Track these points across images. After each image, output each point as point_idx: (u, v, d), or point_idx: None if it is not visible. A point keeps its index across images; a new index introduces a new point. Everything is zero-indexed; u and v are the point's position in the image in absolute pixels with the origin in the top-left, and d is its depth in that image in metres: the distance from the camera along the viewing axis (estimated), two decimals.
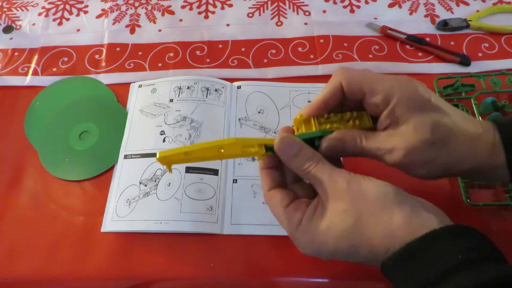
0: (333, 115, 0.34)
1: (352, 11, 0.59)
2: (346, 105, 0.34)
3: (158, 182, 0.44)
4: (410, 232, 0.26)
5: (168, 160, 0.32)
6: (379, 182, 0.29)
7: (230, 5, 0.61)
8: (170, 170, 0.32)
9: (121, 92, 0.53)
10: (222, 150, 0.31)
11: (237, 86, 0.51)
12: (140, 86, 0.53)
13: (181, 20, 0.60)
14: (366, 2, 0.60)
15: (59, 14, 0.62)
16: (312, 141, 0.32)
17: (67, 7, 0.63)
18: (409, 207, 0.28)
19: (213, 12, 0.60)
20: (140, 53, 0.57)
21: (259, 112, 0.49)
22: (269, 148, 0.32)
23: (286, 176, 0.34)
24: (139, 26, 0.60)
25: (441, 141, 0.30)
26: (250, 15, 0.60)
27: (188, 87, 0.50)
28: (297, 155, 0.31)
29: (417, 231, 0.26)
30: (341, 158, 0.36)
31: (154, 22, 0.60)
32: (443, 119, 0.30)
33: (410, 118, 0.30)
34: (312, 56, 0.54)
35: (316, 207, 0.31)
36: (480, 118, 0.46)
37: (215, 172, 0.45)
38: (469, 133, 0.30)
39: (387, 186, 0.29)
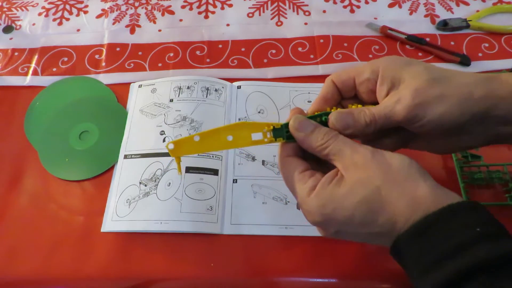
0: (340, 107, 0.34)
1: (352, 11, 0.59)
2: (344, 105, 0.35)
3: (158, 182, 0.44)
4: (435, 203, 0.26)
5: (178, 149, 0.32)
6: (402, 155, 0.29)
7: (230, 5, 0.61)
8: (179, 170, 0.33)
9: (121, 92, 0.53)
10: (232, 137, 0.32)
11: (237, 86, 0.51)
12: (140, 86, 0.53)
13: (181, 20, 0.60)
14: (366, 2, 0.60)
15: (59, 14, 0.62)
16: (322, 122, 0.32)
17: (67, 7, 0.63)
18: (433, 180, 0.28)
19: (213, 12, 0.60)
20: (140, 53, 0.57)
21: (259, 112, 0.49)
22: (278, 131, 0.32)
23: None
24: (139, 26, 0.60)
25: (441, 77, 0.30)
26: (250, 15, 0.60)
27: (188, 87, 0.50)
28: (314, 131, 0.31)
29: (441, 203, 0.26)
30: None
31: (154, 22, 0.60)
32: (433, 65, 0.32)
33: (403, 73, 0.31)
34: (312, 56, 0.54)
35: (332, 177, 0.30)
36: None
37: (215, 172, 0.45)
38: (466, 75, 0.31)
39: (411, 159, 0.29)
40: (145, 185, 0.44)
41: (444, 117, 0.30)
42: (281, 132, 0.32)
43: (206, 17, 0.60)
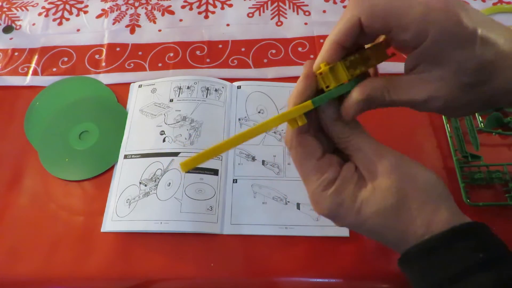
0: (353, 57, 0.28)
1: None
2: (360, 40, 0.28)
3: (158, 182, 0.44)
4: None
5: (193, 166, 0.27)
6: (430, 171, 0.27)
7: (230, 5, 0.61)
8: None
9: (121, 92, 0.53)
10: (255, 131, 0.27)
11: (237, 86, 0.51)
12: (140, 86, 0.53)
13: (181, 20, 0.60)
14: None
15: (59, 14, 0.62)
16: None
17: (67, 7, 0.63)
18: (454, 205, 0.27)
19: (213, 12, 0.60)
20: (140, 53, 0.57)
21: (259, 112, 0.49)
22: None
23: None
24: (139, 26, 0.60)
25: (483, 81, 0.26)
26: (250, 15, 0.60)
27: (188, 87, 0.50)
28: (341, 119, 0.28)
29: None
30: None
31: (154, 22, 0.60)
32: (489, 54, 0.25)
33: (449, 58, 0.25)
34: (312, 56, 0.54)
35: (353, 173, 0.28)
36: (479, 117, 0.46)
37: (215, 172, 0.45)
38: None
39: (438, 178, 0.27)
40: (145, 185, 0.44)
41: (459, 116, 0.29)
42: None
43: (206, 17, 0.60)
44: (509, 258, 0.25)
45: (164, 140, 0.47)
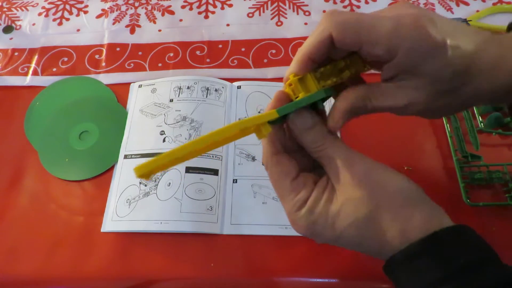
0: (324, 68, 0.29)
1: (352, 11, 0.59)
2: (332, 55, 0.29)
3: (158, 182, 0.44)
4: (427, 231, 0.25)
5: (149, 173, 0.27)
6: (401, 176, 0.27)
7: (230, 5, 0.61)
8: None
9: (121, 92, 0.53)
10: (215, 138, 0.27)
11: (237, 86, 0.52)
12: (140, 86, 0.53)
13: (181, 20, 0.60)
14: (366, 2, 0.60)
15: (59, 14, 0.62)
16: (314, 104, 0.28)
17: (67, 7, 0.63)
18: (429, 208, 0.27)
19: (213, 12, 0.60)
20: (140, 53, 0.57)
21: (259, 112, 0.49)
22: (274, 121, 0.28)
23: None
24: (139, 26, 0.60)
25: (458, 87, 0.27)
26: (250, 15, 0.60)
27: (188, 87, 0.50)
28: (312, 128, 0.28)
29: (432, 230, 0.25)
30: (339, 132, 0.33)
31: (154, 22, 0.60)
32: (460, 61, 0.26)
33: (423, 69, 0.26)
34: None
35: (324, 188, 0.28)
36: (480, 117, 0.46)
37: (215, 172, 0.45)
38: (490, 63, 0.27)
39: (410, 182, 0.27)
40: (145, 185, 0.44)
41: (438, 117, 0.30)
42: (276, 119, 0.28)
43: (206, 17, 0.60)
44: (489, 259, 0.25)
45: (164, 140, 0.47)
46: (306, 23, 0.58)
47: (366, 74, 0.30)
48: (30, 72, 0.56)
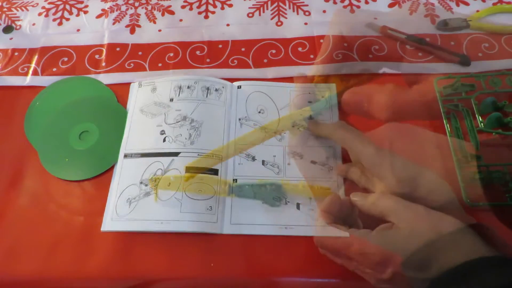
0: None
1: (352, 11, 0.59)
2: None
3: (158, 182, 0.44)
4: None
5: None
6: (452, 219, 0.33)
7: (230, 5, 0.61)
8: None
9: (121, 92, 0.53)
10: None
11: (237, 86, 0.52)
12: (140, 85, 0.53)
13: (181, 20, 0.60)
14: (366, 2, 0.60)
15: (59, 14, 0.62)
16: None
17: (67, 7, 0.63)
18: (481, 244, 0.32)
19: (213, 12, 0.60)
20: (140, 53, 0.57)
21: (259, 112, 0.49)
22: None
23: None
24: (139, 26, 0.60)
25: (412, 191, 0.36)
26: (250, 15, 0.60)
27: (188, 87, 0.50)
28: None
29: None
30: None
31: (154, 22, 0.60)
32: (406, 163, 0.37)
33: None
34: (312, 56, 0.54)
35: (387, 227, 0.34)
36: (480, 117, 0.46)
37: (215, 172, 0.45)
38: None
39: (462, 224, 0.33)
40: (146, 185, 0.44)
41: None
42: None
43: (206, 17, 0.60)
44: None
45: (164, 140, 0.47)
46: (306, 23, 0.58)
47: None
48: (30, 72, 0.56)
